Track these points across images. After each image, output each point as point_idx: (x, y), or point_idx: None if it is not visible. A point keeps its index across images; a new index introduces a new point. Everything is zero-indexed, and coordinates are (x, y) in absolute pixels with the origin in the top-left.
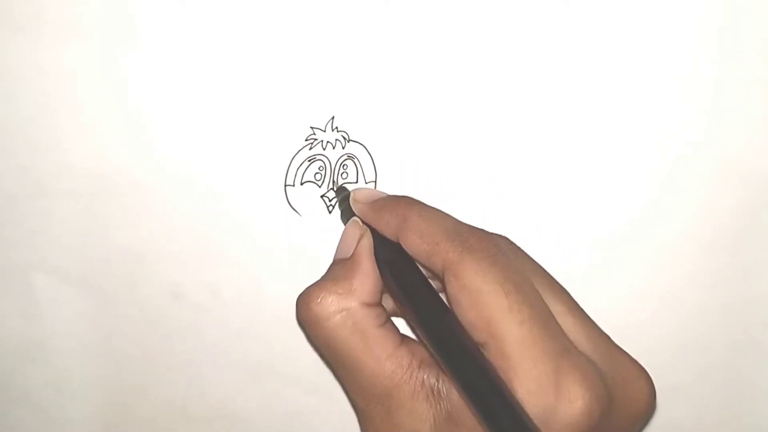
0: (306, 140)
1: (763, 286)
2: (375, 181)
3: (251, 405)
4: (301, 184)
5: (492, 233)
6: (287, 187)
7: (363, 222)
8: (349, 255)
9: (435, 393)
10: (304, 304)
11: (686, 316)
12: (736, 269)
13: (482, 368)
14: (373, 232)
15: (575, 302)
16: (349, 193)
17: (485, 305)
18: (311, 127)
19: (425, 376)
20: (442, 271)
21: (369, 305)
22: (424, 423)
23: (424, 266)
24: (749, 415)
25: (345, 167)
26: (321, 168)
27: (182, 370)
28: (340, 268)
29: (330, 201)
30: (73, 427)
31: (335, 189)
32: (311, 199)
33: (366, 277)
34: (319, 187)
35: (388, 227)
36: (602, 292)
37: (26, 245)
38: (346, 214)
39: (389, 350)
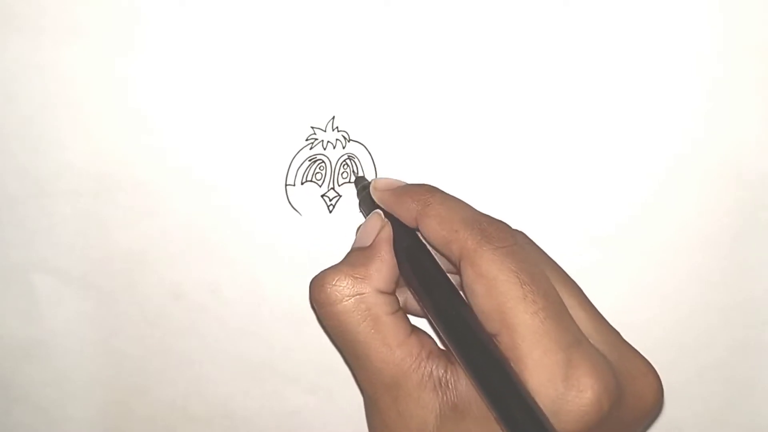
0: (306, 140)
1: (762, 286)
2: None
3: (251, 404)
4: (302, 183)
5: (511, 227)
6: (288, 187)
7: (384, 214)
8: (368, 244)
9: (442, 384)
10: (318, 285)
11: (686, 315)
12: (736, 268)
13: (494, 359)
14: (394, 225)
15: (586, 297)
16: (368, 182)
17: (500, 294)
18: (312, 127)
19: (433, 367)
20: (459, 258)
21: (383, 293)
22: (430, 413)
23: (441, 253)
24: (749, 414)
25: (345, 167)
26: (321, 168)
27: (182, 369)
28: (358, 254)
29: (330, 200)
30: (74, 426)
31: (354, 180)
32: (312, 198)
33: (383, 265)
34: (320, 186)
35: (408, 213)
36: (602, 291)
37: (26, 245)
38: (365, 203)
39: (400, 338)
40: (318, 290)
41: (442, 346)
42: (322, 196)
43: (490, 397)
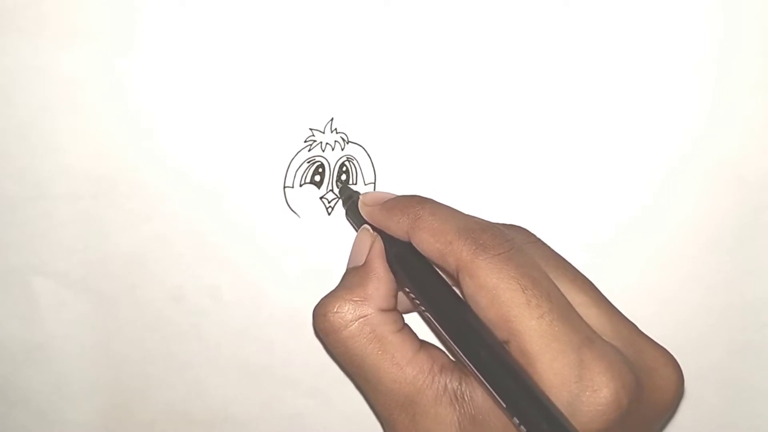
0: (305, 142)
1: (762, 288)
2: (374, 183)
3: (251, 408)
4: (300, 185)
5: (507, 227)
6: (286, 189)
7: (372, 227)
8: (362, 262)
9: (458, 397)
10: (320, 315)
11: (686, 317)
12: (736, 271)
13: (508, 365)
14: (384, 235)
15: (598, 292)
16: (352, 192)
17: (503, 303)
18: (310, 129)
19: (447, 380)
20: (456, 270)
21: (385, 311)
22: (450, 427)
23: (437, 266)
24: (748, 416)
25: (344, 169)
26: (320, 169)
27: (182, 373)
28: (354, 275)
29: (329, 202)
30: (73, 430)
31: (338, 189)
32: (310, 200)
33: (380, 283)
34: (318, 188)
35: (399, 227)
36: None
37: (26, 248)
38: (352, 212)
39: (409, 356)
40: (321, 319)
41: (453, 359)
42: (321, 198)
43: (509, 405)
